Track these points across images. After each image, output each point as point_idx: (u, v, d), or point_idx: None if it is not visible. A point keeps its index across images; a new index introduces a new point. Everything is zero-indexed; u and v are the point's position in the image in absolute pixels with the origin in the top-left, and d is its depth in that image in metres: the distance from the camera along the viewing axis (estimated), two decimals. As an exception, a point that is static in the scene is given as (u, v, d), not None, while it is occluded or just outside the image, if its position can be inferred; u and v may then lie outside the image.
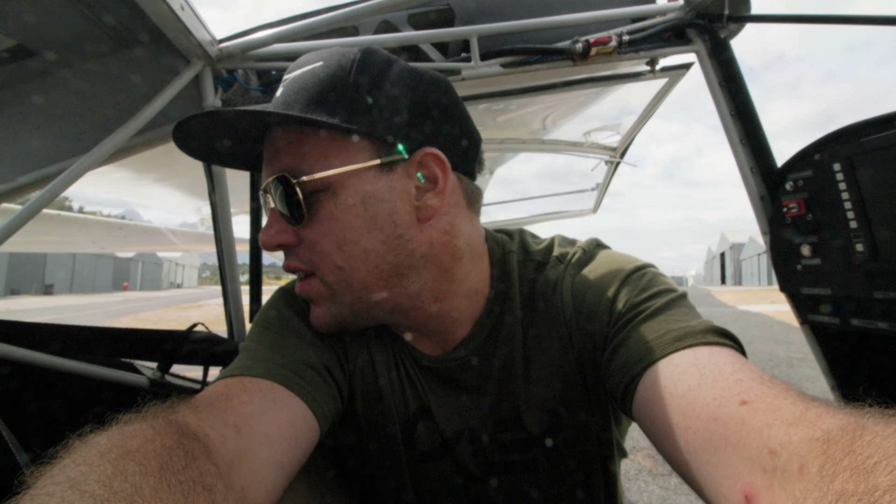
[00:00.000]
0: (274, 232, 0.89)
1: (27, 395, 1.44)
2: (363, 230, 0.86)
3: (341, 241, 0.86)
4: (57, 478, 0.49)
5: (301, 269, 0.91)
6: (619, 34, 1.70)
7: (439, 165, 0.90)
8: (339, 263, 0.87)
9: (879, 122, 1.31)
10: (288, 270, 0.93)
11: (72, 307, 29.74)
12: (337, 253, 0.87)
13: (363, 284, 0.89)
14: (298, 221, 0.87)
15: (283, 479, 0.76)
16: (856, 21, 1.48)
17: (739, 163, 1.68)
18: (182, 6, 1.42)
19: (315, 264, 0.89)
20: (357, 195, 0.86)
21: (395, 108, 0.87)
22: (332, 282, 0.89)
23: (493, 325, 1.01)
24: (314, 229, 0.87)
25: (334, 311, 0.92)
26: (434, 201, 0.91)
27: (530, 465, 1.03)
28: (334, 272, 0.88)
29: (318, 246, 0.87)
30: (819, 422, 0.54)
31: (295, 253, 0.90)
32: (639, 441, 4.83)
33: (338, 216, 0.86)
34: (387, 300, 0.92)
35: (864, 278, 1.36)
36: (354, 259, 0.87)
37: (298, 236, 0.89)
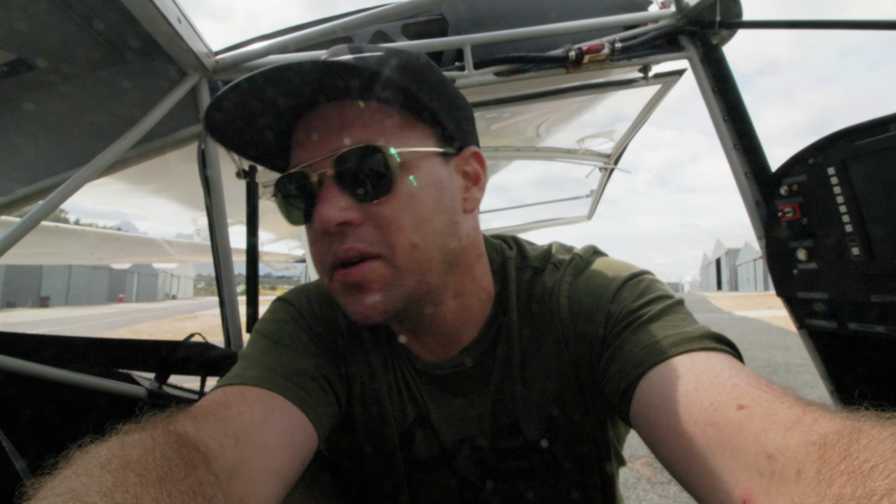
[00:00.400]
0: (339, 209, 0.81)
1: (25, 405, 1.43)
2: (435, 210, 0.87)
3: (419, 218, 0.85)
4: (58, 489, 0.49)
5: (365, 251, 0.83)
6: (611, 42, 1.71)
7: (480, 164, 0.96)
8: (415, 241, 0.84)
9: (873, 125, 1.31)
10: (344, 255, 0.84)
11: (68, 319, 29.60)
12: (414, 230, 0.84)
13: (429, 266, 0.87)
14: (375, 197, 0.83)
15: (281, 488, 0.76)
16: (846, 26, 1.49)
17: (734, 168, 1.69)
18: (179, 19, 1.43)
19: (387, 244, 0.83)
20: (430, 176, 0.87)
21: (453, 104, 0.92)
22: (401, 262, 0.84)
23: (496, 330, 1.01)
24: (392, 205, 0.83)
25: (391, 297, 0.85)
26: (478, 194, 0.96)
27: (527, 471, 1.03)
28: (408, 252, 0.84)
29: (395, 223, 0.83)
30: (816, 426, 0.54)
31: (357, 234, 0.83)
32: (637, 449, 4.81)
33: (416, 193, 0.85)
34: (435, 288, 0.91)
35: (861, 282, 1.37)
36: (428, 239, 0.86)
37: (363, 215, 0.83)
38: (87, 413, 1.53)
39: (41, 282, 57.25)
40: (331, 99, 0.85)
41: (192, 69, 1.67)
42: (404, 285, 0.86)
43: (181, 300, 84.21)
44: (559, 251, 1.07)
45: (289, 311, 1.03)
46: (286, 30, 1.80)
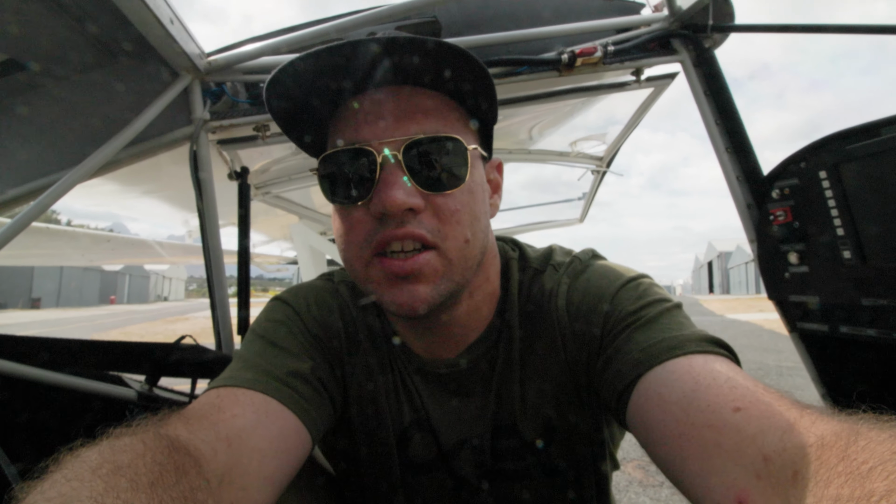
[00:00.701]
0: (405, 193, 0.80)
1: (15, 407, 1.42)
2: (482, 210, 0.90)
3: (473, 215, 0.87)
4: (48, 493, 0.49)
5: (424, 239, 0.83)
6: (604, 45, 1.71)
7: (500, 173, 1.02)
8: (468, 236, 0.86)
9: (864, 129, 1.32)
10: (406, 238, 0.83)
11: (59, 321, 29.40)
12: (469, 225, 0.86)
13: (472, 263, 0.89)
14: (444, 187, 0.83)
15: (273, 493, 0.75)
16: (838, 30, 1.50)
17: (726, 171, 1.70)
18: (172, 20, 1.42)
19: (444, 235, 0.84)
20: (481, 176, 0.91)
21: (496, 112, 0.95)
22: (454, 256, 0.85)
23: (499, 330, 1.02)
24: (457, 198, 0.84)
25: (442, 290, 0.86)
26: (498, 202, 1.00)
27: (524, 472, 1.03)
28: (461, 246, 0.85)
29: (455, 216, 0.84)
30: (813, 428, 0.54)
31: (420, 220, 0.83)
32: (629, 452, 4.81)
33: (475, 190, 0.88)
34: (467, 284, 0.92)
35: (852, 285, 1.37)
36: (476, 236, 0.88)
37: (426, 203, 0.83)
38: (77, 416, 1.51)
39: (32, 283, 56.88)
40: (398, 83, 0.85)
41: (185, 70, 1.66)
42: (452, 279, 0.86)
43: (173, 302, 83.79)
44: (559, 254, 1.08)
45: (285, 311, 1.02)
46: (279, 31, 1.79)
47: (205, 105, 1.78)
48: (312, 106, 0.90)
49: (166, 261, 11.00)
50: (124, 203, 3.84)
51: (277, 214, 4.55)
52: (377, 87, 0.86)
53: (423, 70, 0.82)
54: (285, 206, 3.85)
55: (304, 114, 0.92)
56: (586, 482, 1.05)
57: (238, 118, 1.81)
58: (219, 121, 1.80)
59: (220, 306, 1.89)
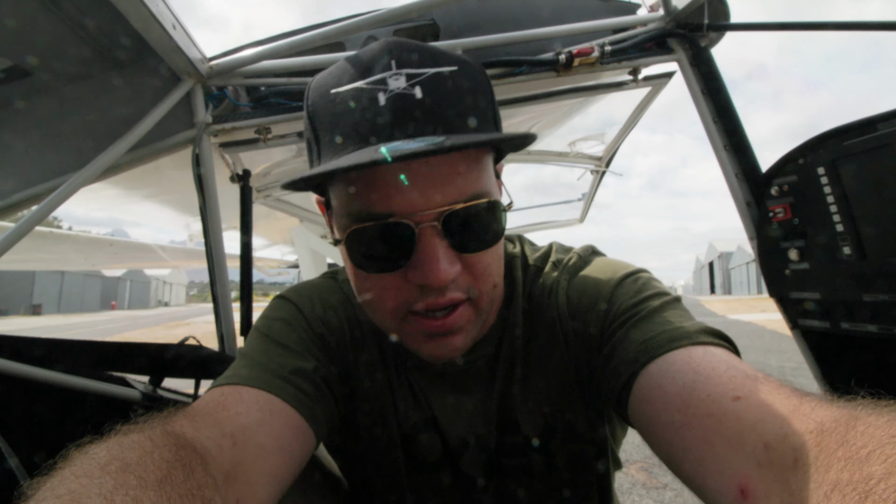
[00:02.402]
0: (449, 264, 0.77)
1: (21, 408, 1.43)
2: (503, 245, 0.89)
3: (500, 257, 0.87)
4: (57, 490, 0.49)
5: (462, 299, 0.82)
6: (601, 45, 1.72)
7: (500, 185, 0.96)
8: (497, 280, 0.86)
9: (861, 125, 1.33)
10: (447, 305, 0.81)
11: (60, 327, 29.39)
12: (497, 272, 0.86)
13: (498, 298, 0.90)
14: (481, 248, 0.81)
15: (277, 490, 0.76)
16: (832, 27, 1.50)
17: (724, 169, 1.70)
18: (174, 25, 1.43)
19: (478, 289, 0.83)
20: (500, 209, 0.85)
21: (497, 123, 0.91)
22: (484, 303, 0.85)
23: (500, 326, 1.02)
24: (489, 254, 0.83)
25: (474, 334, 0.88)
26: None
27: (526, 469, 1.03)
28: (490, 292, 0.85)
29: (488, 269, 0.83)
30: (813, 415, 0.55)
31: (456, 283, 0.80)
32: (632, 454, 4.81)
33: (500, 233, 0.85)
34: None
35: (852, 281, 1.38)
36: (501, 274, 0.88)
37: (462, 265, 0.81)
38: (83, 416, 1.52)
39: (33, 289, 56.84)
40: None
41: (187, 74, 1.67)
42: (479, 322, 0.88)
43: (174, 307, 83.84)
44: (558, 251, 1.08)
45: (289, 309, 1.03)
46: (279, 35, 1.80)
47: (207, 109, 1.79)
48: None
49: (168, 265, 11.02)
50: (126, 208, 3.85)
51: (278, 218, 4.55)
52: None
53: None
54: (286, 209, 3.86)
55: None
56: (588, 479, 1.05)
57: (240, 121, 1.82)
58: (220, 124, 1.81)
59: (222, 307, 1.90)
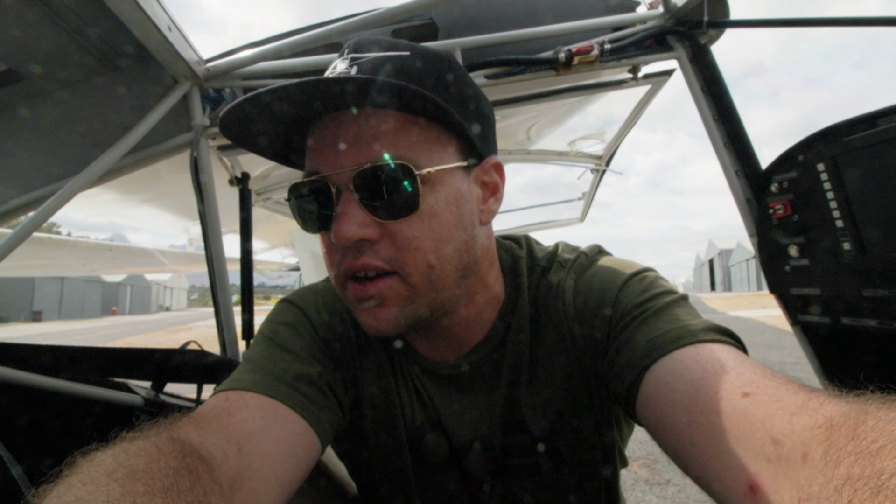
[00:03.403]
0: (356, 224, 0.79)
1: (23, 415, 1.42)
2: (454, 228, 0.86)
3: (438, 238, 0.83)
4: (64, 497, 0.49)
5: (381, 268, 0.82)
6: (600, 43, 1.72)
7: (499, 174, 0.95)
8: (432, 262, 0.83)
9: (861, 121, 1.33)
10: (359, 269, 0.83)
11: (61, 333, 29.39)
12: (432, 251, 0.83)
13: (444, 284, 0.86)
14: (397, 215, 0.81)
15: (283, 497, 0.76)
16: (832, 23, 1.50)
17: (724, 166, 1.70)
18: (170, 27, 1.43)
19: (402, 262, 0.82)
20: (452, 193, 0.85)
21: (476, 112, 0.90)
22: (417, 281, 0.83)
23: (504, 329, 1.02)
24: (413, 225, 0.81)
25: (408, 313, 0.85)
26: (495, 206, 0.95)
27: (533, 468, 1.03)
28: (424, 271, 0.83)
29: (414, 243, 0.82)
30: (821, 410, 0.54)
31: (374, 250, 0.82)
32: (634, 451, 4.81)
33: (437, 212, 0.83)
34: (448, 301, 0.90)
35: (853, 277, 1.37)
36: (445, 258, 0.85)
37: (382, 231, 0.82)
38: (85, 422, 1.52)
39: (33, 296, 56.72)
40: (351, 106, 0.81)
41: (184, 77, 1.67)
42: (419, 302, 0.85)
43: (175, 312, 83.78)
44: (565, 251, 1.08)
45: (294, 313, 1.02)
46: (277, 36, 1.80)
47: (204, 111, 1.78)
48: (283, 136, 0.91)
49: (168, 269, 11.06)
50: (125, 212, 3.84)
51: (278, 221, 4.55)
52: (336, 112, 0.83)
53: (381, 93, 0.78)
54: (286, 212, 3.85)
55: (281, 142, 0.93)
56: (595, 479, 1.05)
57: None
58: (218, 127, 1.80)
59: (224, 311, 1.90)
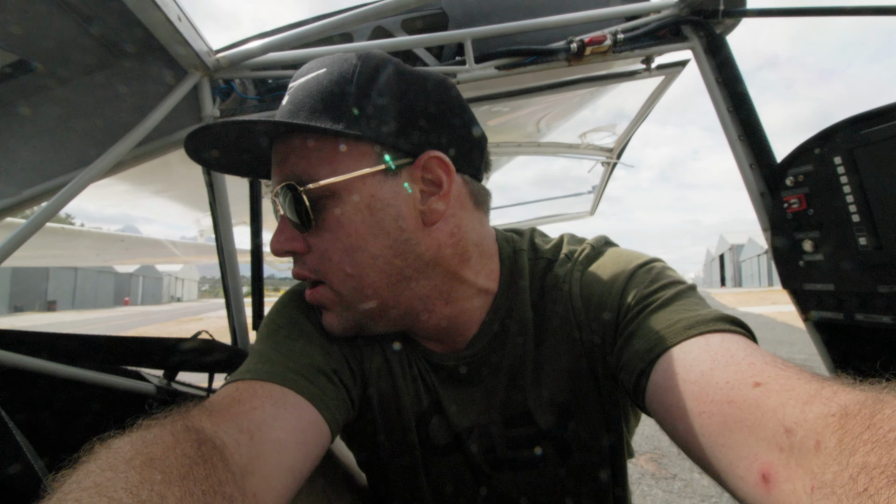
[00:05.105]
0: (283, 239, 0.90)
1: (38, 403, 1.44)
2: (369, 236, 0.87)
3: (349, 247, 0.87)
4: (83, 483, 0.49)
5: (308, 277, 0.92)
6: (613, 33, 1.70)
7: (443, 169, 0.90)
8: (349, 270, 0.88)
9: (879, 113, 1.30)
10: (296, 278, 0.94)
11: (75, 323, 29.75)
12: (345, 260, 0.87)
13: (373, 290, 0.89)
14: (306, 228, 0.88)
15: (294, 484, 0.76)
16: (851, 12, 1.48)
17: (738, 159, 1.68)
18: (179, 17, 1.43)
19: (323, 272, 0.90)
20: (362, 201, 0.86)
21: (396, 111, 0.87)
22: (341, 289, 0.90)
23: (501, 323, 1.01)
24: (322, 237, 0.88)
25: (346, 317, 0.93)
26: (439, 205, 0.90)
27: (539, 459, 1.03)
28: (344, 280, 0.89)
29: (326, 254, 0.88)
30: (835, 398, 0.53)
31: (303, 261, 0.91)
32: (641, 445, 4.81)
33: (344, 223, 0.86)
34: (398, 304, 0.93)
35: (868, 272, 1.35)
36: (363, 265, 0.88)
37: (307, 244, 0.90)
38: (100, 410, 1.54)
39: (47, 286, 57.45)
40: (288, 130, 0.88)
41: (194, 68, 1.67)
42: (354, 308, 0.92)
43: (186, 302, 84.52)
44: (570, 242, 1.07)
45: (300, 304, 1.03)
46: (286, 27, 1.80)
47: (214, 102, 1.78)
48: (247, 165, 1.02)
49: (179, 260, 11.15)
50: (136, 203, 3.88)
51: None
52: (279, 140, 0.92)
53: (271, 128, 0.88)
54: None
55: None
56: (602, 470, 1.05)
57: (247, 115, 1.81)
58: (229, 118, 1.80)
59: (234, 302, 1.91)
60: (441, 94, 0.93)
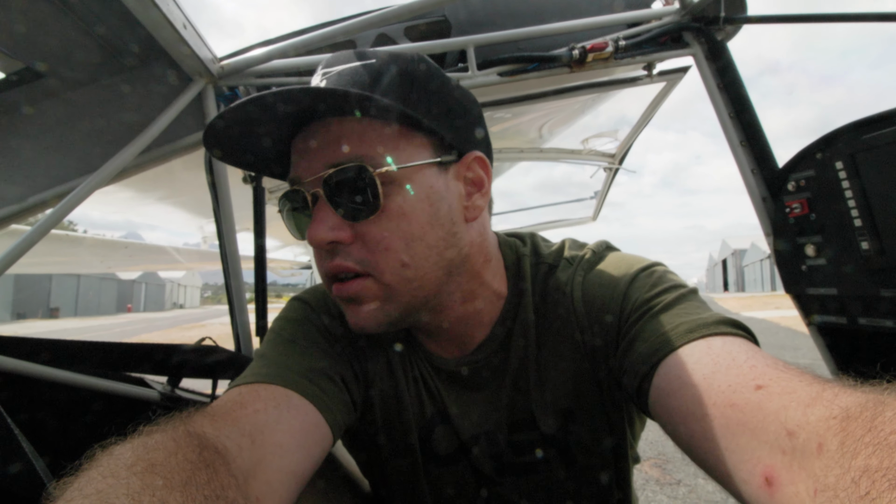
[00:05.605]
0: (328, 227, 0.82)
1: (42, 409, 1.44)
2: (427, 226, 0.86)
3: (408, 236, 0.84)
4: (85, 490, 0.49)
5: (354, 269, 0.84)
6: (615, 40, 1.71)
7: (484, 168, 0.94)
8: (405, 260, 0.84)
9: (880, 118, 1.31)
10: (336, 271, 0.85)
11: (78, 330, 29.72)
12: (403, 250, 0.84)
13: (422, 282, 0.87)
14: (363, 216, 0.82)
15: (296, 487, 0.76)
16: (851, 19, 1.48)
17: (740, 165, 1.68)
18: (185, 25, 1.44)
19: (374, 263, 0.83)
20: (424, 190, 0.86)
21: (446, 108, 0.90)
22: (391, 281, 0.84)
23: (509, 327, 1.02)
24: (380, 224, 0.83)
25: (387, 311, 0.87)
26: (480, 202, 0.94)
27: (543, 464, 1.03)
28: (397, 270, 0.84)
29: (382, 243, 0.83)
30: (837, 400, 0.53)
31: (347, 252, 0.84)
32: (645, 451, 4.79)
33: (407, 211, 0.84)
34: (436, 297, 0.91)
35: (871, 276, 1.36)
36: (419, 256, 0.85)
37: (353, 233, 0.84)
38: (103, 417, 1.54)
39: (50, 292, 57.43)
40: (324, 114, 0.83)
41: (198, 75, 1.68)
42: (397, 300, 0.87)
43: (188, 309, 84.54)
44: (572, 247, 1.07)
45: (304, 310, 1.03)
46: (289, 34, 1.81)
47: (218, 109, 1.79)
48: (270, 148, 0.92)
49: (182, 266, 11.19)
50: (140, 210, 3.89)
51: (290, 219, 4.57)
52: (309, 121, 0.85)
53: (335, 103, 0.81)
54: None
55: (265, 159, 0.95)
56: (605, 473, 1.05)
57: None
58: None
59: (238, 308, 1.91)
60: (468, 97, 0.96)
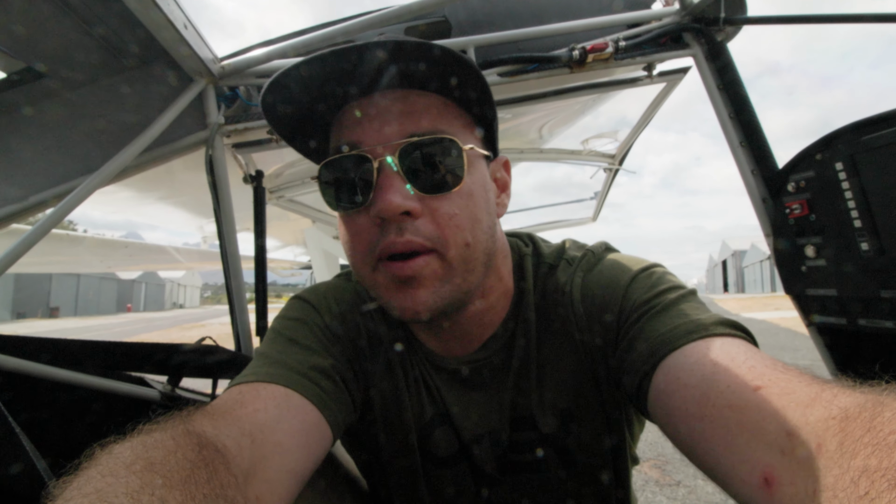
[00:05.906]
0: (402, 197, 0.80)
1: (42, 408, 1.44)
2: (484, 211, 0.88)
3: (473, 216, 0.85)
4: (84, 489, 0.49)
5: (422, 245, 0.82)
6: (615, 40, 1.71)
7: (508, 172, 1.01)
8: (468, 239, 0.84)
9: (880, 119, 1.31)
10: (405, 248, 0.82)
11: (78, 329, 29.71)
12: (469, 228, 0.84)
13: (475, 266, 0.87)
14: (440, 189, 0.82)
15: (296, 486, 0.76)
16: (850, 20, 1.48)
17: (740, 166, 1.68)
18: (185, 25, 1.44)
19: (444, 239, 0.83)
20: (482, 177, 0.89)
21: (490, 109, 0.92)
22: (454, 259, 0.84)
23: (512, 326, 1.02)
24: (454, 201, 0.83)
25: (443, 293, 0.85)
26: (506, 201, 0.99)
27: (542, 464, 1.03)
28: (461, 249, 0.84)
29: (454, 219, 0.83)
30: (835, 401, 0.54)
31: (415, 227, 0.82)
32: (645, 452, 4.79)
33: (474, 192, 0.86)
34: (473, 288, 0.91)
35: (870, 277, 1.35)
36: (478, 238, 0.86)
37: (423, 207, 0.82)
38: (104, 416, 1.53)
39: (50, 292, 57.40)
40: (393, 85, 0.84)
41: (199, 75, 1.68)
42: (452, 282, 0.85)
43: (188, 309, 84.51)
44: (572, 248, 1.08)
45: (305, 309, 1.04)
46: (291, 34, 1.81)
47: (219, 109, 1.79)
48: (315, 111, 0.90)
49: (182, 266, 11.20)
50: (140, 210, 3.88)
51: (290, 219, 4.58)
52: (375, 91, 0.85)
53: (420, 73, 0.81)
54: (299, 210, 3.87)
55: (307, 119, 0.92)
56: (605, 475, 1.05)
57: (252, 122, 1.82)
58: (233, 125, 1.81)
59: (238, 308, 1.91)
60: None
